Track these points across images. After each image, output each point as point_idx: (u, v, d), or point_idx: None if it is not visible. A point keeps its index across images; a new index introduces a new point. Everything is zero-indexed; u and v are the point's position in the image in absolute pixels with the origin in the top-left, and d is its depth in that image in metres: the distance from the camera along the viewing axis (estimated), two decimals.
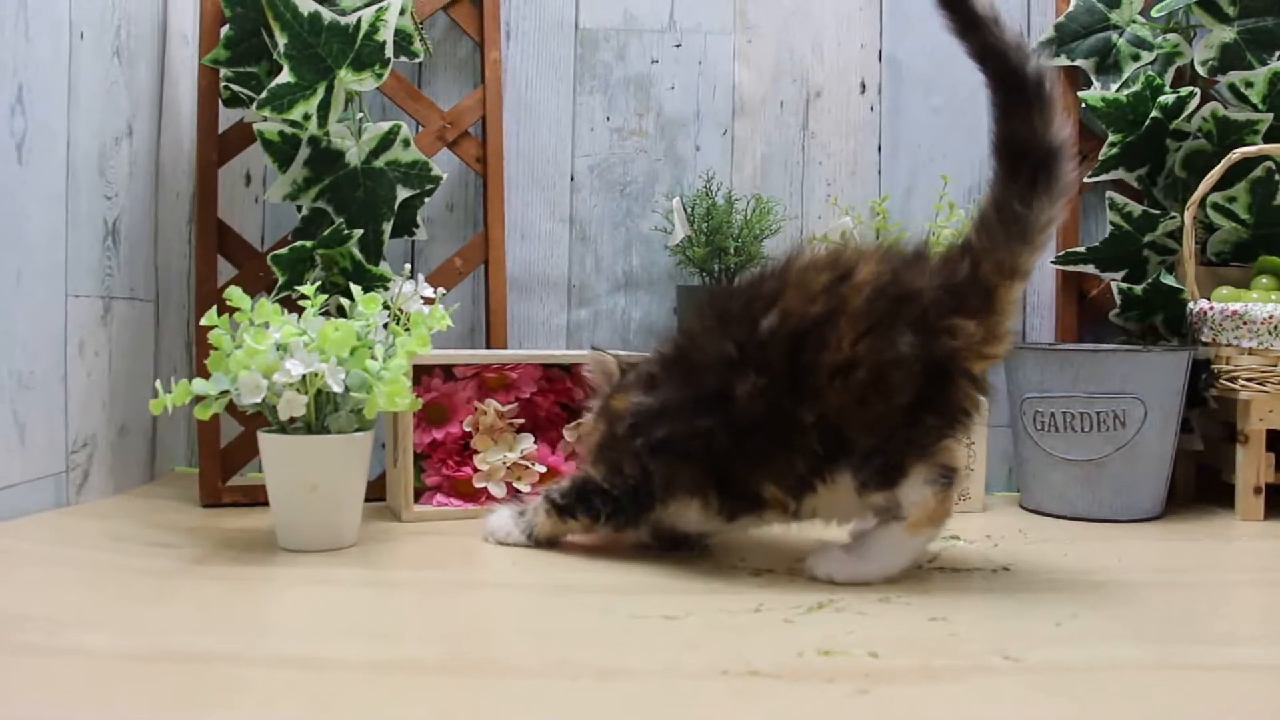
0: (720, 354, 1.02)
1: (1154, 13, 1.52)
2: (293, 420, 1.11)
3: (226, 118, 1.43)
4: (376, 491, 1.41)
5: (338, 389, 1.08)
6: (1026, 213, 0.97)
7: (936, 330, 0.97)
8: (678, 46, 1.59)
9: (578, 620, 0.91)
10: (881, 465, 0.98)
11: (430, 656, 0.81)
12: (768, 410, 0.99)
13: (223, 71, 1.37)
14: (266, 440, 1.13)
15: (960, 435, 1.01)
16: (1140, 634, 0.90)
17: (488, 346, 1.51)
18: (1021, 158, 0.97)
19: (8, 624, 0.84)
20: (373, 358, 1.12)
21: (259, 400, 1.07)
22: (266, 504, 1.15)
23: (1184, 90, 1.49)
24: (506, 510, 1.19)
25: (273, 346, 1.08)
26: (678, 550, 1.16)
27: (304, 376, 1.08)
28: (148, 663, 0.77)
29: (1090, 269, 1.56)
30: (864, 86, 1.61)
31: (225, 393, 1.10)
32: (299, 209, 1.37)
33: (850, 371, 0.97)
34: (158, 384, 1.11)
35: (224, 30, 1.35)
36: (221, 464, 1.39)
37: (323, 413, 1.13)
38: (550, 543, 1.17)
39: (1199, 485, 1.54)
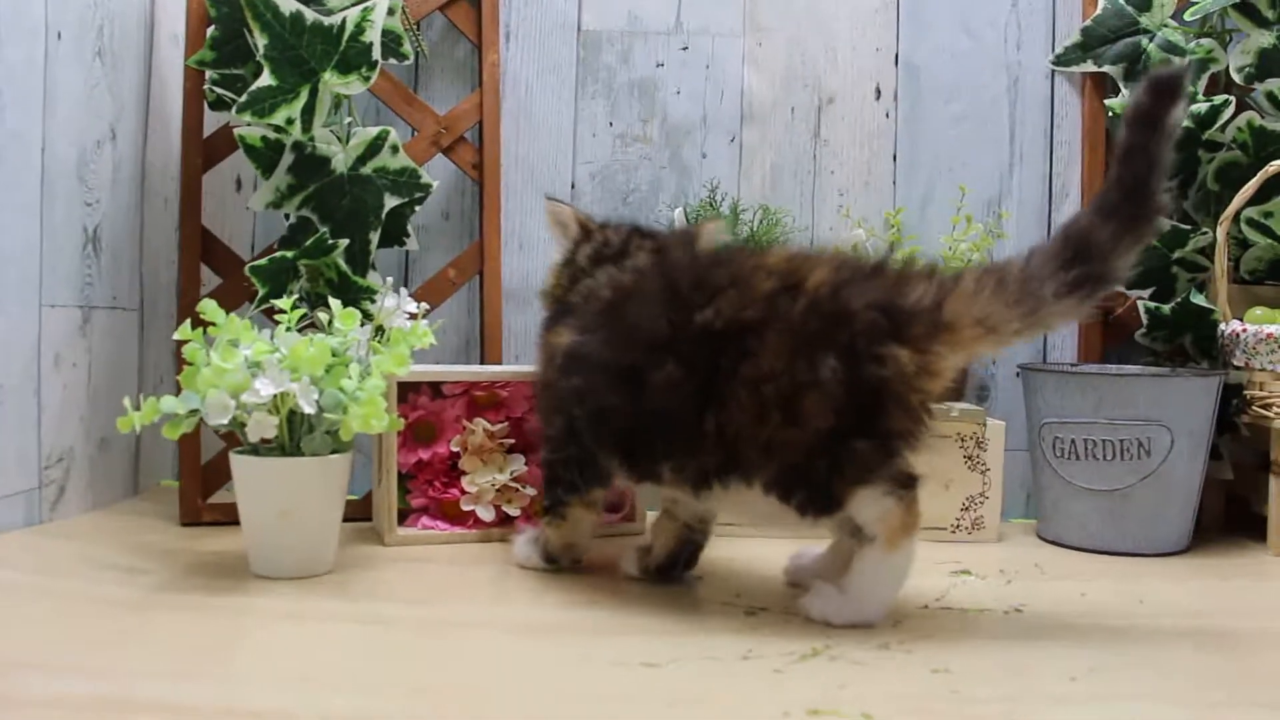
0: (651, 331, 0.98)
1: (1187, 16, 1.44)
2: (265, 441, 1.05)
3: (214, 121, 1.38)
4: (363, 510, 1.36)
5: (310, 410, 1.02)
6: (1049, 302, 0.91)
7: (863, 356, 0.91)
8: (684, 49, 1.53)
9: (557, 668, 0.85)
10: (811, 494, 0.94)
11: (401, 712, 0.75)
12: (675, 405, 0.95)
13: (208, 74, 1.32)
14: (238, 462, 1.07)
15: (904, 454, 0.94)
16: (1165, 692, 0.83)
17: (483, 361, 1.45)
18: (1086, 260, 0.90)
19: None
20: (349, 376, 1.06)
21: (226, 421, 1.02)
22: None
23: (1218, 98, 1.41)
24: (525, 535, 1.16)
25: (243, 365, 1.02)
26: (666, 582, 1.10)
27: (275, 396, 1.02)
28: (99, 713, 0.72)
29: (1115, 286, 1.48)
30: (879, 92, 1.54)
31: (195, 411, 1.04)
32: (286, 217, 1.32)
33: (760, 388, 0.92)
34: (126, 401, 1.06)
35: (209, 31, 1.30)
36: (202, 481, 1.34)
37: (297, 434, 1.07)
38: (572, 554, 1.14)
39: (1228, 516, 1.46)
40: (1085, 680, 0.84)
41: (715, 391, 0.94)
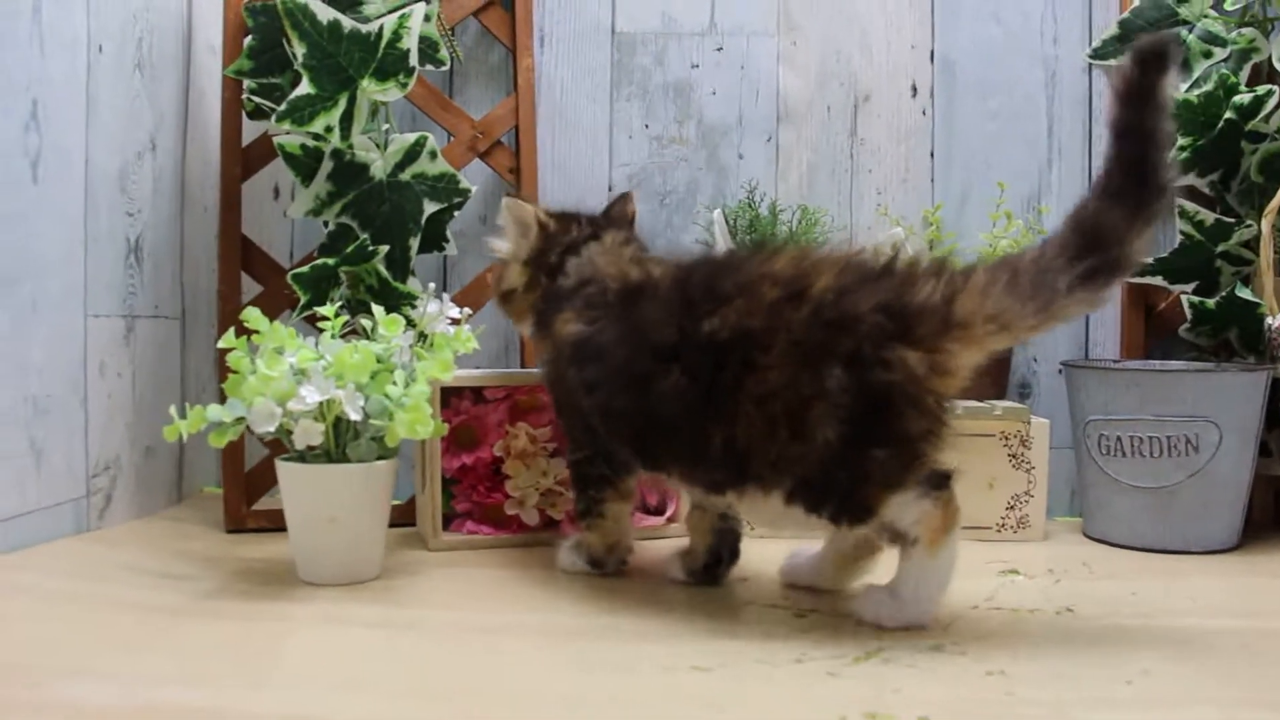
0: (661, 338, 0.98)
1: (1227, 5, 1.42)
2: (311, 448, 1.06)
3: (252, 130, 1.39)
4: (408, 516, 1.37)
5: (356, 417, 1.03)
6: (1063, 295, 0.89)
7: (869, 362, 0.89)
8: (719, 50, 1.52)
9: (602, 675, 0.85)
10: (840, 504, 0.93)
11: (446, 718, 0.75)
12: (681, 413, 0.96)
13: (246, 83, 1.32)
14: (284, 469, 1.08)
15: (929, 456, 0.92)
16: (1221, 696, 0.82)
17: (522, 365, 1.45)
18: (1094, 250, 0.88)
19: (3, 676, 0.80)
20: (394, 382, 1.07)
21: (272, 429, 1.02)
22: None
23: (1261, 89, 1.39)
24: (569, 541, 1.16)
25: (288, 372, 1.03)
26: (713, 582, 1.10)
27: (321, 404, 1.03)
28: None
29: (1158, 281, 1.46)
30: (915, 89, 1.53)
31: (241, 419, 1.05)
32: (325, 224, 1.32)
33: (766, 402, 0.92)
34: (173, 409, 1.07)
35: (247, 40, 1.31)
36: (246, 487, 1.34)
37: (343, 440, 1.08)
38: (617, 555, 1.14)
39: (1278, 512, 1.44)
40: (1140, 683, 0.83)
41: (721, 404, 0.93)
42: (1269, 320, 1.34)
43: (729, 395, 0.93)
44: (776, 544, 1.16)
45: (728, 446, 0.94)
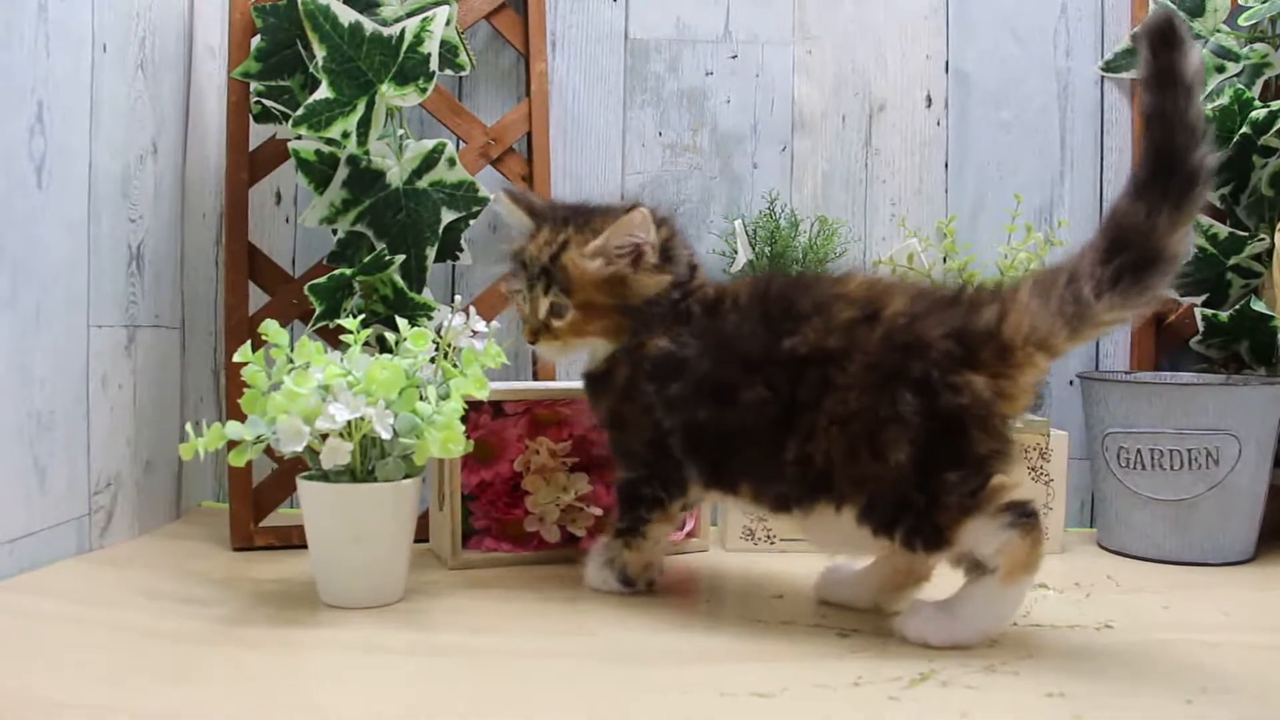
0: (746, 352, 0.98)
1: (1240, 21, 1.42)
2: (336, 467, 1.02)
3: (257, 134, 1.35)
4: (419, 532, 1.32)
5: (386, 435, 0.99)
6: (1094, 303, 0.88)
7: (939, 387, 0.90)
8: (734, 58, 1.50)
9: (661, 700, 0.82)
10: (915, 526, 0.92)
11: None
12: (760, 426, 0.96)
13: (253, 85, 1.28)
14: (307, 488, 1.04)
15: (1000, 473, 0.92)
16: None
17: (534, 379, 1.42)
18: (1124, 248, 0.87)
19: (28, 710, 0.75)
20: (423, 398, 1.03)
21: (300, 448, 0.98)
22: (301, 545, 1.08)
23: (1275, 104, 1.39)
24: (598, 558, 1.12)
25: (315, 389, 0.99)
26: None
27: (350, 421, 0.99)
28: None
29: (1169, 292, 1.46)
30: (930, 100, 1.52)
31: (262, 437, 1.01)
32: (334, 232, 1.28)
33: (840, 422, 0.92)
34: (189, 427, 1.02)
35: (255, 42, 1.27)
36: (254, 504, 1.30)
37: (368, 458, 1.04)
38: (648, 575, 1.11)
39: None
40: (1201, 702, 0.82)
41: (798, 420, 0.94)
42: None
43: (806, 412, 0.94)
44: (807, 559, 1.15)
45: (803, 462, 0.94)
